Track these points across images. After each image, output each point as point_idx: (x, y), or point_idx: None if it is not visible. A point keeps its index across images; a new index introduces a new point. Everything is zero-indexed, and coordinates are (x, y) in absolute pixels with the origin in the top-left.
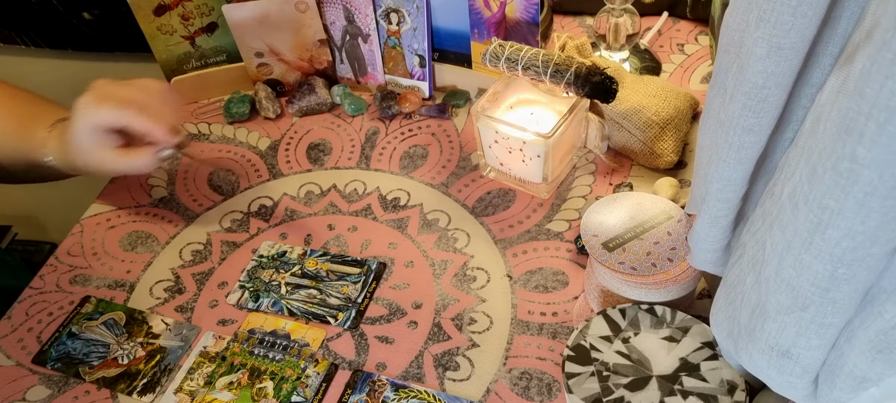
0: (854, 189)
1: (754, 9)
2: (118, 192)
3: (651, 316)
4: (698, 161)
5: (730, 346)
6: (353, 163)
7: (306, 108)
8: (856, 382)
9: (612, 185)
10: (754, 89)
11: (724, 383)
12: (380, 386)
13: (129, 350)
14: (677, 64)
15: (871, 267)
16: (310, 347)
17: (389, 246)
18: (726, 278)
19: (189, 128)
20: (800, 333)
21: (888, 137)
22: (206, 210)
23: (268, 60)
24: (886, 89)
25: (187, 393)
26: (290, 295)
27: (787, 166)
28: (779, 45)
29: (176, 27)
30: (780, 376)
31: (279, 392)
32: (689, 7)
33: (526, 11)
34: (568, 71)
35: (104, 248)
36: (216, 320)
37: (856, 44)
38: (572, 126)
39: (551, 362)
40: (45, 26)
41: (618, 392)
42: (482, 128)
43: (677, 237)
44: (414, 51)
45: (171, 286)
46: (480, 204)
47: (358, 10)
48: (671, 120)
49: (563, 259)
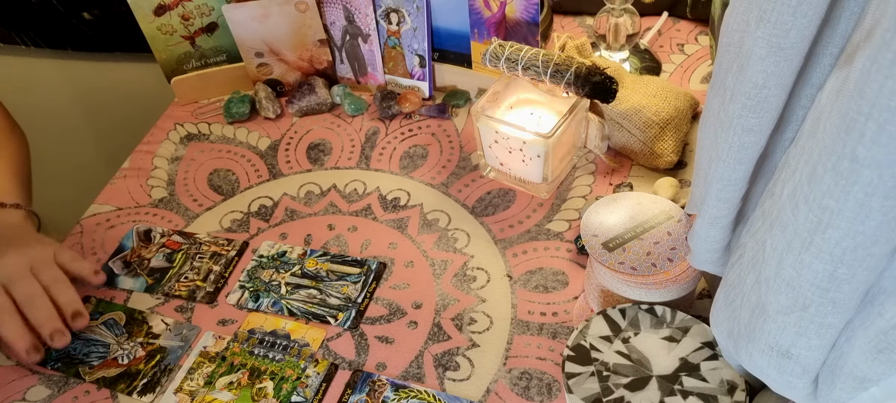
0: (854, 189)
1: (754, 9)
2: (118, 192)
3: (651, 316)
4: (698, 161)
5: (730, 346)
6: (353, 163)
7: (306, 108)
8: (856, 382)
9: (612, 185)
10: (754, 89)
11: (724, 383)
12: (380, 386)
13: (129, 350)
14: (677, 64)
15: (871, 267)
16: (310, 347)
17: (389, 246)
18: (726, 278)
19: (189, 129)
20: (800, 333)
21: (888, 137)
22: (206, 210)
23: (268, 60)
24: (886, 89)
25: (187, 393)
26: (290, 295)
27: (787, 166)
28: (779, 45)
29: (176, 27)
30: (780, 376)
31: (279, 392)
32: (689, 7)
33: (526, 11)
34: (568, 71)
35: (104, 248)
36: (216, 320)
37: (856, 44)
38: (572, 126)
39: (551, 362)
40: (45, 26)
41: (618, 392)
42: (482, 128)
43: (677, 237)
44: (414, 51)
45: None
46: (480, 204)
47: (358, 10)
48: (671, 120)
49: (563, 259)
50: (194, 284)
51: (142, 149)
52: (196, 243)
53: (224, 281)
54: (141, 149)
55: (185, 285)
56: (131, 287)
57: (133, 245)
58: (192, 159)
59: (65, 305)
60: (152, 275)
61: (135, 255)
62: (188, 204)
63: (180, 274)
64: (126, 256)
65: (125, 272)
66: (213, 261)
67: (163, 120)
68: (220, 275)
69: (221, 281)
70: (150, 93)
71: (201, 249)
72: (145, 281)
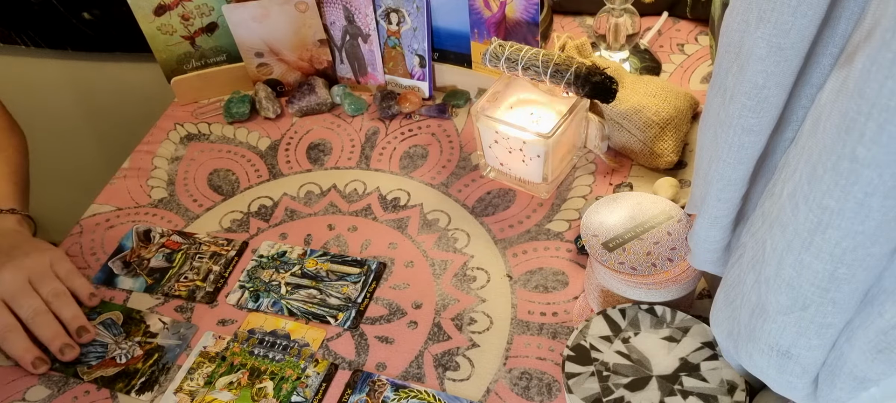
0: (854, 189)
1: (754, 9)
2: (118, 193)
3: (651, 316)
4: (698, 161)
5: (730, 346)
6: (353, 163)
7: (306, 108)
8: (856, 382)
9: (612, 185)
10: (754, 89)
11: (724, 383)
12: (380, 386)
13: (126, 350)
14: (677, 64)
15: (871, 267)
16: (310, 347)
17: (389, 246)
18: (726, 278)
19: (189, 129)
20: (800, 333)
21: (888, 137)
22: (207, 210)
23: (268, 60)
24: (886, 89)
25: (187, 393)
26: (290, 295)
27: (787, 166)
28: (779, 45)
29: (176, 27)
30: (780, 376)
31: (279, 392)
32: (689, 7)
33: (526, 11)
34: (568, 71)
35: (104, 248)
36: (216, 320)
37: (856, 44)
38: (572, 126)
39: (551, 362)
40: (45, 26)
41: (618, 392)
42: (482, 128)
43: (677, 237)
44: (414, 51)
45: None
46: (480, 205)
47: (358, 10)
48: (671, 120)
49: (563, 259)
50: (194, 284)
51: (142, 149)
52: (195, 243)
53: (224, 281)
54: (141, 149)
55: (184, 285)
56: (131, 287)
57: (133, 245)
58: (192, 159)
59: (69, 321)
60: (152, 275)
61: (134, 255)
62: (188, 205)
63: (180, 274)
64: (126, 256)
65: (125, 272)
66: (213, 261)
67: (163, 120)
68: (219, 275)
69: (221, 281)
70: (150, 94)
71: (201, 249)
72: (145, 281)
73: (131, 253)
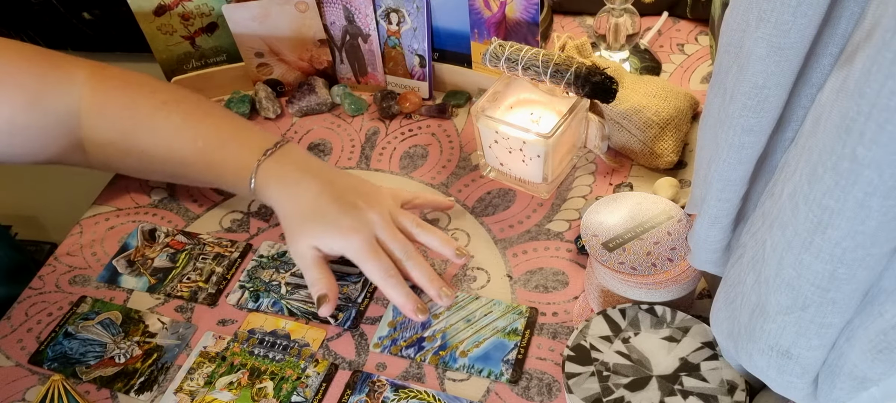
0: (854, 189)
1: (754, 9)
2: (118, 193)
3: (651, 316)
4: (698, 161)
5: (730, 346)
6: (353, 163)
7: (306, 108)
8: (856, 382)
9: (612, 185)
10: (754, 89)
11: (724, 383)
12: (380, 387)
13: (125, 350)
14: (677, 64)
15: (871, 267)
16: (310, 347)
17: None
18: (726, 278)
19: None
20: (800, 333)
21: (888, 137)
22: (207, 210)
23: (268, 60)
24: (886, 89)
25: (187, 393)
26: (290, 295)
27: (787, 166)
28: (779, 45)
29: (176, 27)
30: (780, 376)
31: (279, 392)
32: (689, 7)
33: (526, 11)
34: (568, 71)
35: (104, 249)
36: (216, 320)
37: (856, 44)
38: (572, 126)
39: (551, 362)
40: (45, 26)
41: (618, 393)
42: (482, 128)
43: (677, 237)
44: (414, 51)
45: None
46: (480, 205)
47: (358, 10)
48: (671, 120)
49: (563, 259)
50: (196, 285)
51: None
52: (200, 244)
53: (226, 283)
54: None
55: (187, 286)
56: (133, 286)
57: (137, 244)
58: None
59: (439, 247)
60: (155, 275)
61: (139, 254)
62: (188, 205)
63: (183, 275)
64: (130, 255)
65: (129, 271)
66: (216, 263)
67: None
68: (222, 277)
69: (223, 282)
70: None
71: (205, 250)
72: (148, 280)
73: (136, 252)
